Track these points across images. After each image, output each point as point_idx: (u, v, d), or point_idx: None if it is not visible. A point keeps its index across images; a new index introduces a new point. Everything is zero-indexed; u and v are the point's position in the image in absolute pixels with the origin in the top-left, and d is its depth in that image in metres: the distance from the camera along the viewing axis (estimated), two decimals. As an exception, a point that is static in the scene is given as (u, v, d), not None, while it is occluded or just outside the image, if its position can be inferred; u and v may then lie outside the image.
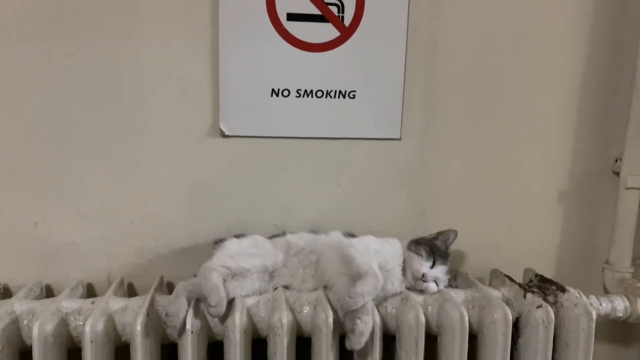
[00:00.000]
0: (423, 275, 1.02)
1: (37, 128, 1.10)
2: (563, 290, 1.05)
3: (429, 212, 1.23)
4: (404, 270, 1.05)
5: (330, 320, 0.94)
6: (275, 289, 1.04)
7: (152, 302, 0.98)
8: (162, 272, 1.16)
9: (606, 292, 1.24)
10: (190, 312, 0.94)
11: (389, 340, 1.01)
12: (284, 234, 1.12)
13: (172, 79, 1.12)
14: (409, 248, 1.06)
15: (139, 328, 0.91)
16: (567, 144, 1.24)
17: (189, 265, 1.12)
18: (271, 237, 1.11)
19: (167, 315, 0.94)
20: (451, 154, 1.22)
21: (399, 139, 1.19)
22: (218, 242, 1.08)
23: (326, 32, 1.13)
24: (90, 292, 1.16)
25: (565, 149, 1.24)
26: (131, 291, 1.18)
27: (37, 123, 1.10)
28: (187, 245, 1.18)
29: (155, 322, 0.96)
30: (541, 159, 1.24)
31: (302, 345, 1.00)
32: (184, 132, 1.15)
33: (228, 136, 1.15)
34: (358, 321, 0.92)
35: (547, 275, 1.13)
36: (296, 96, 1.15)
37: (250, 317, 0.98)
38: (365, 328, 0.92)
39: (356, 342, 0.92)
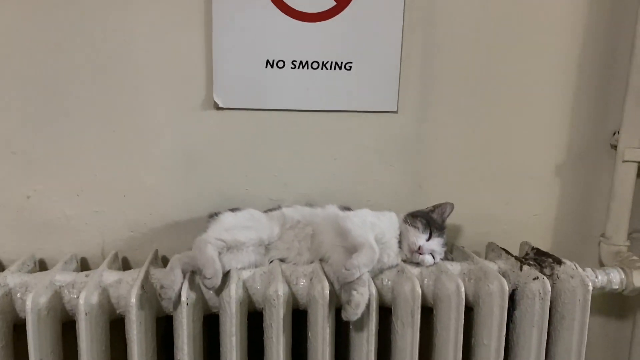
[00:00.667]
0: (419, 248, 1.02)
1: (28, 100, 1.08)
2: (559, 262, 1.05)
3: (425, 186, 1.22)
4: (400, 242, 1.04)
5: (327, 291, 0.93)
6: (271, 261, 1.04)
7: (147, 275, 0.98)
8: (156, 246, 1.15)
9: (602, 265, 1.23)
10: (186, 285, 0.94)
11: (385, 313, 1.01)
12: (279, 207, 1.11)
13: (165, 50, 1.10)
14: (405, 221, 1.06)
15: (133, 300, 0.90)
16: (564, 117, 1.23)
17: (184, 239, 1.12)
18: (267, 211, 1.10)
19: (162, 287, 0.93)
20: (448, 127, 1.21)
21: (396, 112, 1.18)
22: (213, 215, 1.07)
23: (322, 1, 1.11)
24: (84, 266, 1.15)
25: (562, 122, 1.23)
26: (125, 265, 1.17)
27: (28, 94, 1.08)
28: (182, 219, 1.17)
29: (150, 294, 0.95)
30: (538, 133, 1.23)
31: (298, 319, 1.00)
32: (178, 104, 1.13)
33: (222, 108, 1.13)
34: (354, 292, 0.92)
35: (544, 249, 1.13)
36: (291, 67, 1.13)
37: (246, 289, 0.98)
38: (362, 299, 0.92)
39: (352, 313, 0.91)
